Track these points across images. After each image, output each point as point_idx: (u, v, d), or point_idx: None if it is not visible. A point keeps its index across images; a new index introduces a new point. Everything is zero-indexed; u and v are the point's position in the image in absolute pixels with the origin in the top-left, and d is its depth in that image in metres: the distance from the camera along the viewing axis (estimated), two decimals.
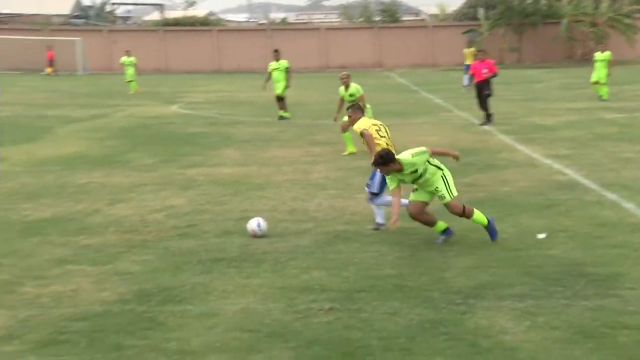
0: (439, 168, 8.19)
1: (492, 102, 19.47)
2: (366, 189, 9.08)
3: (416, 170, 7.98)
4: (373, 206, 9.05)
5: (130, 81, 32.54)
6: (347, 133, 14.93)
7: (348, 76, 15.50)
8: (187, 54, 55.26)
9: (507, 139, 16.47)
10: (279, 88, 21.33)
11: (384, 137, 9.69)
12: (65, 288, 6.87)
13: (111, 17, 74.83)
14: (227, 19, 76.63)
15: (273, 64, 21.75)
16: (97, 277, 7.23)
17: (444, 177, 8.16)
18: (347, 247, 8.22)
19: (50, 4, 65.65)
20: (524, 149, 15.06)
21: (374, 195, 8.93)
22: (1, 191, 11.32)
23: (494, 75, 19.03)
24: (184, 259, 7.82)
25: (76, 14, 70.44)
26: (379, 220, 8.99)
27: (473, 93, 19.74)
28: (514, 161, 13.66)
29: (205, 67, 54.46)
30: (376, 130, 9.70)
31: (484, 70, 18.96)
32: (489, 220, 8.32)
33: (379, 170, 8.27)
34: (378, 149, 8.87)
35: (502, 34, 54.97)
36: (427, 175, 8.07)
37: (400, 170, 7.95)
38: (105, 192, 11.29)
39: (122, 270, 7.44)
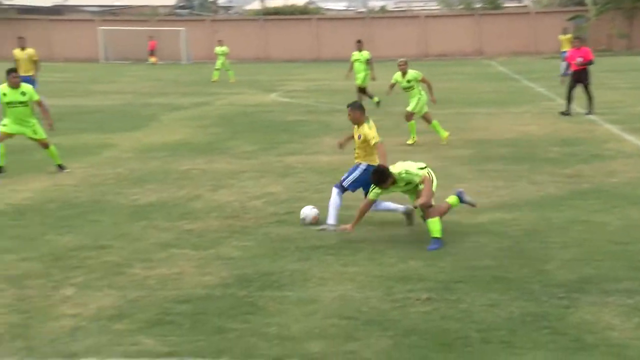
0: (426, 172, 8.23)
1: (596, 91, 18.77)
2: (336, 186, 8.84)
3: (408, 183, 8.11)
4: (330, 206, 8.65)
5: (218, 69, 33.36)
6: (412, 122, 14.85)
7: (405, 63, 15.35)
8: (286, 42, 55.81)
9: (613, 129, 15.86)
10: (359, 79, 21.42)
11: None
12: (170, 271, 7.12)
13: (214, 7, 76.47)
14: (326, 7, 76.84)
15: (355, 54, 21.88)
16: (199, 261, 7.45)
17: (429, 174, 8.21)
18: (445, 237, 8.13)
19: None
20: (632, 139, 14.47)
21: (341, 188, 8.76)
22: (111, 176, 11.81)
23: (590, 63, 18.27)
24: (282, 246, 7.95)
25: (181, 4, 72.36)
26: (331, 221, 8.57)
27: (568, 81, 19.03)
28: (622, 151, 13.15)
29: (305, 55, 54.87)
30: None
31: (579, 60, 18.16)
32: (458, 196, 8.37)
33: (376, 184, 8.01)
34: (372, 156, 8.80)
35: (611, 19, 52.73)
36: (414, 183, 8.18)
37: (394, 182, 8.04)
38: (207, 179, 11.60)
39: (223, 255, 7.63)
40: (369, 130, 8.80)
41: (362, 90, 21.37)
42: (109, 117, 20.16)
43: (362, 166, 8.88)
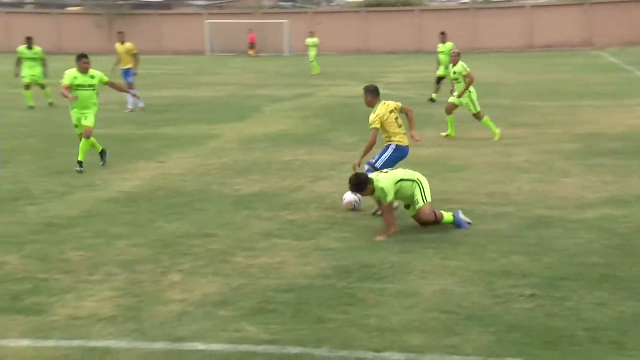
0: (413, 180, 8.23)
1: None
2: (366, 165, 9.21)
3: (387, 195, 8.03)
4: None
5: (313, 61, 33.60)
6: (451, 115, 14.48)
7: (458, 54, 14.95)
8: (387, 34, 55.54)
9: None
10: (441, 70, 21.23)
11: (402, 126, 9.40)
12: (272, 260, 7.26)
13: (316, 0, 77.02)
14: None
15: (440, 47, 21.78)
16: (300, 251, 7.56)
17: (419, 184, 8.22)
18: (549, 233, 7.94)
19: None
20: None
21: (373, 168, 9.05)
22: (216, 167, 12.13)
23: None
24: None
25: None
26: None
27: None
28: None
29: (406, 47, 54.46)
30: (395, 118, 9.30)
31: None
32: (454, 215, 8.25)
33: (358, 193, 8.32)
34: (392, 136, 9.16)
35: None
36: (403, 191, 8.16)
37: (373, 192, 8.11)
38: (308, 170, 11.73)
39: (323, 246, 7.71)
40: (372, 114, 9.23)
41: (440, 80, 21.31)
42: (214, 109, 20.68)
43: (392, 146, 9.26)
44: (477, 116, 14.57)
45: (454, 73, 14.71)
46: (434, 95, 21.35)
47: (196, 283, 6.59)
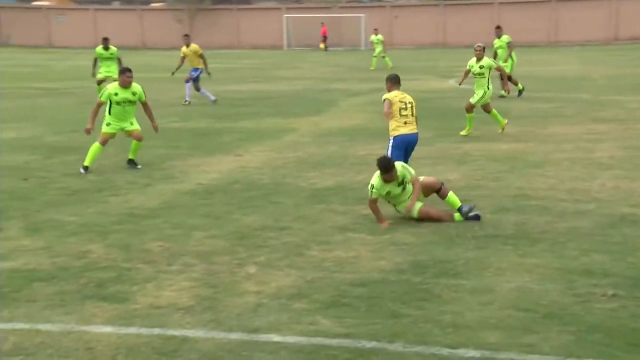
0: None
1: None
2: None
3: (402, 182, 8.34)
4: None
5: (375, 56, 33.86)
6: (472, 114, 14.03)
7: (482, 49, 14.56)
8: (465, 27, 54.76)
9: None
10: (500, 64, 20.68)
11: (406, 115, 9.80)
12: (346, 254, 7.27)
13: None
14: None
15: (496, 41, 21.30)
16: (374, 246, 7.55)
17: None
18: (634, 231, 7.70)
19: None
20: None
21: None
22: (292, 160, 12.24)
23: None
24: (458, 233, 7.86)
25: None
26: None
27: None
28: None
29: (483, 40, 53.49)
30: (400, 107, 9.78)
31: None
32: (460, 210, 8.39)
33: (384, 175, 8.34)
34: (391, 122, 9.74)
35: None
36: (407, 187, 8.42)
37: (395, 178, 8.26)
38: None
39: (398, 241, 7.68)
40: (386, 95, 9.81)
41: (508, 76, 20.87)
42: (290, 102, 20.85)
43: (391, 140, 9.84)
44: (486, 108, 14.44)
45: (481, 67, 14.41)
46: (503, 92, 20.87)
47: (271, 275, 6.67)
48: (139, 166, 11.77)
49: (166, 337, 5.38)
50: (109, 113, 11.59)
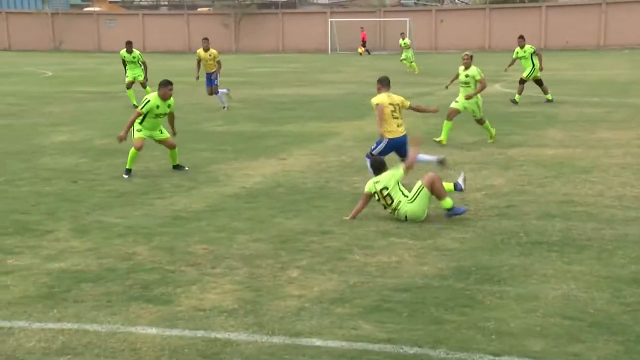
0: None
1: None
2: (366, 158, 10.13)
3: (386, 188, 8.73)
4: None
5: (403, 60, 34.70)
6: (450, 122, 13.97)
7: (470, 57, 14.29)
8: (510, 31, 54.09)
9: None
10: (527, 73, 20.67)
11: (397, 118, 10.29)
12: (389, 259, 7.25)
13: None
14: None
15: (519, 51, 21.03)
16: (417, 251, 7.51)
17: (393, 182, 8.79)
18: None
19: None
20: None
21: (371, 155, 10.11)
22: (335, 164, 12.25)
23: None
24: (502, 239, 7.79)
25: None
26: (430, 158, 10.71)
27: None
28: None
29: (530, 44, 52.94)
30: (391, 110, 10.30)
31: None
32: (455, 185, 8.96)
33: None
34: (384, 125, 10.21)
35: None
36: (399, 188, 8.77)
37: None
38: (427, 169, 11.59)
39: (441, 246, 7.63)
40: (375, 99, 10.39)
41: (537, 82, 20.53)
42: (334, 106, 20.88)
43: (385, 140, 10.38)
44: (480, 121, 14.17)
45: (466, 76, 14.16)
46: (548, 96, 20.63)
47: (314, 279, 6.68)
48: (187, 167, 11.91)
49: (209, 340, 5.43)
50: (141, 122, 11.58)
